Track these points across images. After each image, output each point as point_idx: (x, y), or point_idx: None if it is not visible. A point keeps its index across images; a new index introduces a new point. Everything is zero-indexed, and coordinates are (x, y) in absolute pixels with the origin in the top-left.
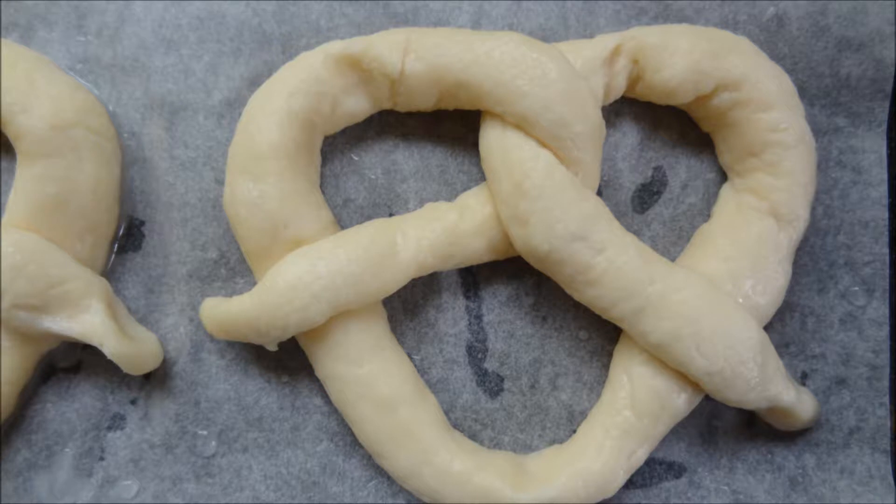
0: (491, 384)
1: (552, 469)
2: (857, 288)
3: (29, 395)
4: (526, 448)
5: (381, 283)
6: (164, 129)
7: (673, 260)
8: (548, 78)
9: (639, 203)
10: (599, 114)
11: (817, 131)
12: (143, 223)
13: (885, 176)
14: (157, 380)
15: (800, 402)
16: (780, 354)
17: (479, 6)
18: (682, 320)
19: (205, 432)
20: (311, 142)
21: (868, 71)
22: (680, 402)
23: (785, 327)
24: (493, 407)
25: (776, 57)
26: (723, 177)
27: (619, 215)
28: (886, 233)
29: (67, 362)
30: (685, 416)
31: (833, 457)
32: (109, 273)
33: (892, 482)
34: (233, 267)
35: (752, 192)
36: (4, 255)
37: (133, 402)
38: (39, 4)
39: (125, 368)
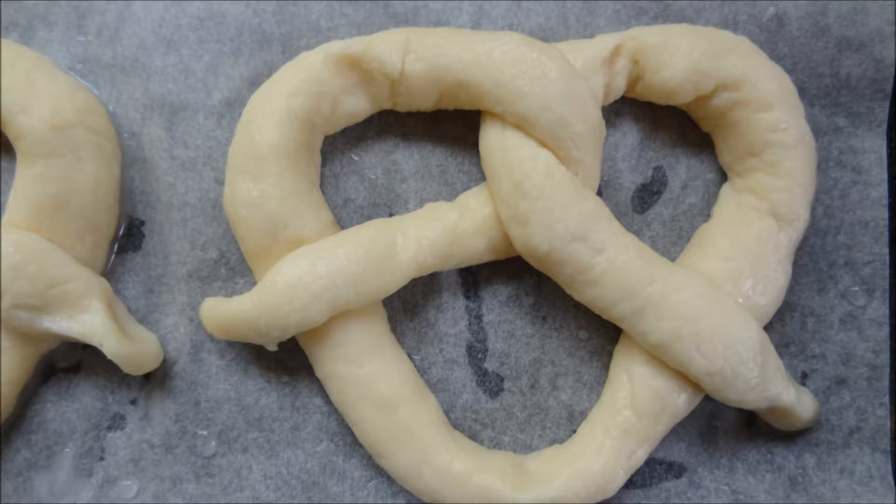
0: (491, 384)
1: (552, 469)
2: (857, 288)
3: (29, 395)
4: (526, 448)
5: (381, 283)
6: (164, 129)
7: (673, 260)
8: (548, 78)
9: (639, 203)
10: (599, 114)
11: (817, 131)
12: (143, 223)
13: (885, 176)
14: (157, 380)
15: (800, 402)
16: (780, 354)
17: (479, 6)
18: (682, 320)
19: (205, 432)
20: (311, 142)
21: (868, 71)
22: (680, 402)
23: (785, 327)
24: (493, 407)
25: (776, 57)
26: (723, 177)
27: (619, 215)
28: (886, 233)
29: (67, 362)
30: (685, 416)
31: (833, 457)
32: (109, 273)
33: (892, 482)
34: (233, 267)
35: (752, 192)
36: (4, 255)
37: (133, 402)
38: (39, 4)
39: (125, 368)
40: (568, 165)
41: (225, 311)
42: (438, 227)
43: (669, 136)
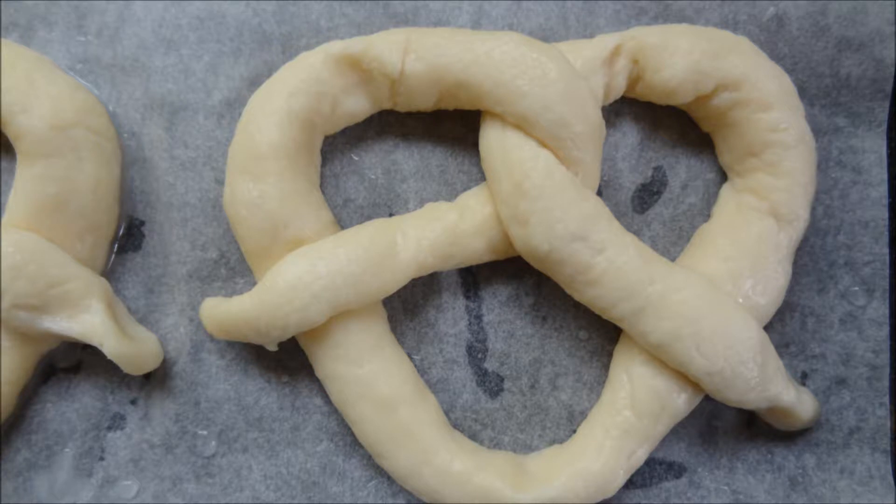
0: (491, 384)
1: (552, 469)
2: (857, 288)
3: (29, 395)
4: (526, 448)
5: (381, 283)
6: (164, 129)
7: (673, 260)
8: (548, 78)
9: (639, 203)
10: (599, 114)
11: (817, 131)
12: (143, 223)
13: (885, 176)
14: (157, 380)
15: (800, 402)
16: (780, 354)
17: (479, 6)
18: (682, 320)
19: (205, 432)
20: (311, 142)
21: (868, 71)
22: (680, 402)
23: (785, 327)
24: (493, 407)
25: (776, 57)
26: (723, 177)
27: (619, 215)
28: (886, 233)
29: (67, 362)
30: (685, 416)
31: (833, 457)
32: (109, 273)
33: (892, 482)
34: (233, 267)
35: (752, 192)
36: (4, 255)
37: (133, 402)
38: (39, 4)
39: (125, 368)
40: (568, 165)
41: (225, 311)
42: (438, 227)
43: (669, 136)
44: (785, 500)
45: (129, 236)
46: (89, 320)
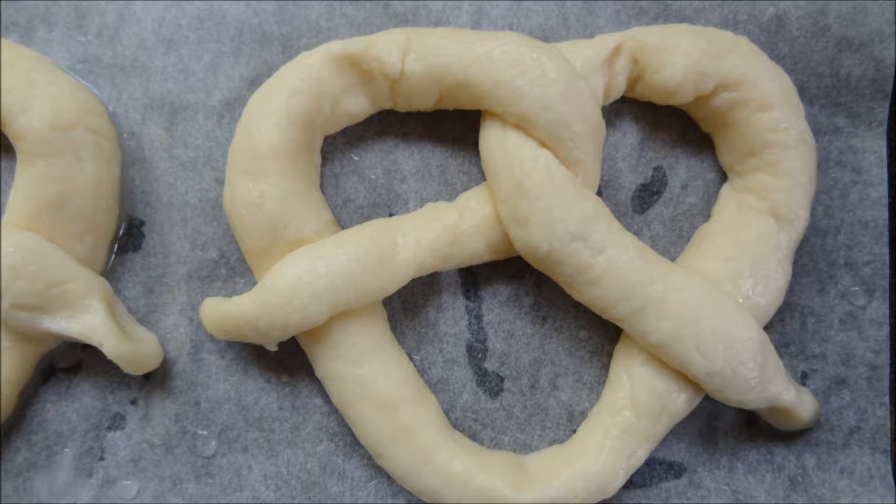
0: (491, 384)
1: (552, 469)
2: (857, 288)
3: (29, 395)
4: (526, 448)
5: (381, 282)
6: (164, 129)
7: (673, 260)
8: (548, 78)
9: (639, 203)
10: (599, 114)
11: (817, 131)
12: (143, 223)
13: (885, 176)
14: (157, 380)
15: (800, 402)
16: (780, 354)
17: (479, 6)
18: (682, 320)
19: (205, 432)
20: (311, 142)
21: (868, 71)
22: (680, 402)
23: (785, 327)
24: (493, 407)
25: (776, 57)
26: (723, 177)
27: (619, 215)
28: (886, 233)
29: (67, 362)
30: (685, 416)
31: (833, 457)
32: (109, 273)
33: (892, 482)
34: (233, 267)
35: (752, 192)
36: (4, 255)
37: (133, 402)
38: (39, 4)
39: (125, 368)
40: (568, 165)
41: (225, 311)
42: (438, 227)
43: (669, 136)
44: (785, 500)
45: (129, 236)
46: (89, 320)
